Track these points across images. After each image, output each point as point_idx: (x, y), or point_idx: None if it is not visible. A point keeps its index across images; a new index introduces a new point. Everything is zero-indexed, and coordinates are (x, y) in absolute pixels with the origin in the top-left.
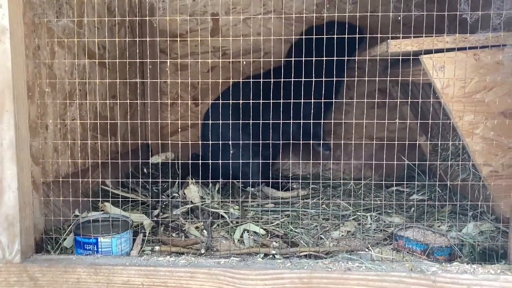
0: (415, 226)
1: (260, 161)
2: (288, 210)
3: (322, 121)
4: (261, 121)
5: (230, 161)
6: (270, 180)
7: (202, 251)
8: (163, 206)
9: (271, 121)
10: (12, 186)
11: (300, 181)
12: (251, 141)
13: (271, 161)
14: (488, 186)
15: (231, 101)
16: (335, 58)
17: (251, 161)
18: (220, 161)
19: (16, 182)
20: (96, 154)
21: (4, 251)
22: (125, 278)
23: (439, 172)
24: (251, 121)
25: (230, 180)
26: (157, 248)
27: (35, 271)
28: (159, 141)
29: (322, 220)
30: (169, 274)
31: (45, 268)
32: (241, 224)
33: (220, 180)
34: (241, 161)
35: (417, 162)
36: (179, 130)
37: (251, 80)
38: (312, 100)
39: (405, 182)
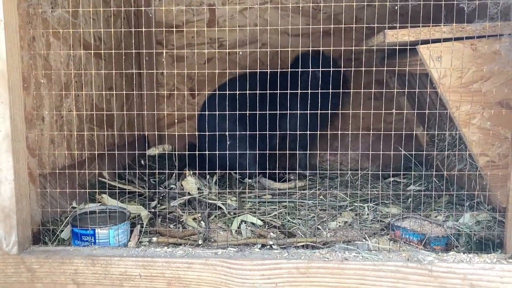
0: (412, 216)
1: (257, 152)
2: (286, 201)
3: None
4: (257, 112)
5: (227, 152)
6: (267, 171)
7: (200, 242)
8: (161, 197)
9: (267, 112)
10: (8, 177)
11: (297, 171)
12: (247, 132)
13: (267, 151)
14: (484, 176)
15: (227, 92)
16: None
17: (247, 152)
18: (217, 152)
19: (12, 174)
20: (93, 146)
21: (1, 242)
22: (123, 269)
23: (436, 163)
24: (247, 112)
25: (227, 171)
26: (154, 239)
27: (32, 262)
28: (156, 131)
29: (320, 211)
30: (166, 264)
31: (42, 259)
32: (238, 215)
33: (217, 170)
34: (238, 152)
35: (413, 152)
36: (176, 121)
37: (247, 71)
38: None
39: (401, 172)
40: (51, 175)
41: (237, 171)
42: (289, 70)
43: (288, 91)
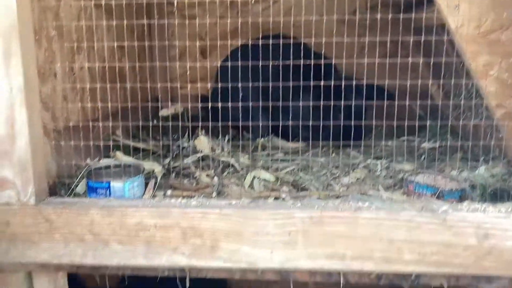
0: (425, 171)
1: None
2: (298, 159)
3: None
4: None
5: (240, 105)
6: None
7: (213, 195)
8: (174, 155)
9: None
10: (23, 130)
11: (311, 124)
12: (260, 83)
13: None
14: (501, 128)
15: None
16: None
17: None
18: (230, 104)
19: (27, 126)
20: (106, 104)
21: (19, 193)
22: (138, 220)
23: (451, 119)
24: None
25: (240, 123)
26: (169, 192)
27: (50, 213)
28: (169, 84)
29: (332, 167)
30: (181, 215)
31: (59, 210)
32: (251, 172)
33: (230, 123)
34: (251, 105)
35: (428, 102)
36: (188, 81)
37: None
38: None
39: (416, 122)
40: (65, 131)
41: (250, 123)
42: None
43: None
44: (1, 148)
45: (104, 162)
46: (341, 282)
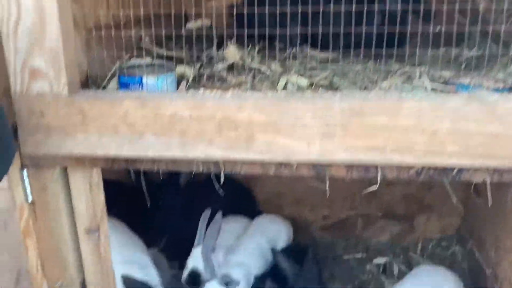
0: (469, 75)
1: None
2: (333, 66)
3: None
4: None
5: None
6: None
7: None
8: (204, 63)
9: None
10: (53, 17)
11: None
12: None
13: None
14: None
15: None
16: None
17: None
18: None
19: (57, 13)
20: (137, 7)
21: (51, 84)
22: (173, 111)
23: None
24: None
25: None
26: (201, 90)
27: (83, 104)
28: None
29: (369, 73)
30: (216, 107)
31: (92, 101)
32: (284, 76)
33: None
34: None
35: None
36: None
37: None
38: None
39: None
40: (95, 28)
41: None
42: None
43: None
44: (32, 37)
45: (136, 61)
46: (379, 177)
